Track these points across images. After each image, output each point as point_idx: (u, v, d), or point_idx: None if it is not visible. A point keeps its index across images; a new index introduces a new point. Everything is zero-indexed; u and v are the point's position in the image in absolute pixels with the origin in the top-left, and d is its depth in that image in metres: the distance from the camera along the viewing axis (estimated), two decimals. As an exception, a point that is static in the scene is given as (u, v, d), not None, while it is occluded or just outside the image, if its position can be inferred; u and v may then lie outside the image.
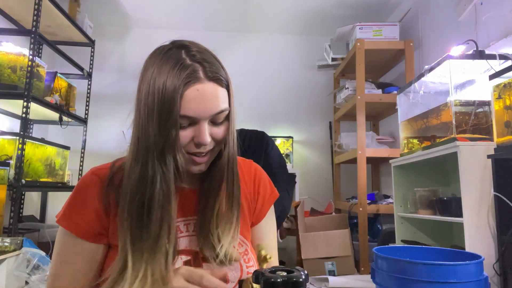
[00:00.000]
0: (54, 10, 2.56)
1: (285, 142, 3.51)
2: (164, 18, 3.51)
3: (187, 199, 0.75)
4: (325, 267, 2.48)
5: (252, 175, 0.85)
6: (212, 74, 0.66)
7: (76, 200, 0.71)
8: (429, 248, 1.35)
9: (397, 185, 2.19)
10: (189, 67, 0.64)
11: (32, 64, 2.21)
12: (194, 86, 0.63)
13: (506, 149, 1.39)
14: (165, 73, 0.63)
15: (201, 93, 0.64)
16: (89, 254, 0.70)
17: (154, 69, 0.65)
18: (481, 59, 1.72)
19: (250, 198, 0.83)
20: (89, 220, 0.69)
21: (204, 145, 0.67)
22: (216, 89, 0.66)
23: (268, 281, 0.48)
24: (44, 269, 1.90)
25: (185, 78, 0.63)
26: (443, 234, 2.10)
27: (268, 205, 0.85)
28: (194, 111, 0.64)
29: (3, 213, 2.00)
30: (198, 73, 0.64)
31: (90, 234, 0.69)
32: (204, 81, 0.65)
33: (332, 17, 3.42)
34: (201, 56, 0.66)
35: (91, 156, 3.23)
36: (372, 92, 2.84)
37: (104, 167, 0.75)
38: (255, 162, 0.90)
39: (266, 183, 0.87)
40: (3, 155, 2.15)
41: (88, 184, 0.72)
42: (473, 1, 2.11)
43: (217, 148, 0.71)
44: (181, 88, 0.62)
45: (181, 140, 0.65)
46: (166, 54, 0.66)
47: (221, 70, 0.69)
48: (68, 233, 0.69)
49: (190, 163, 0.69)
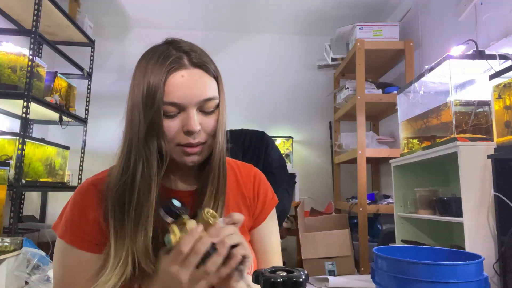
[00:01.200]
0: (54, 10, 2.56)
1: (285, 142, 3.51)
2: (164, 18, 3.51)
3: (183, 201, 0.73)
4: (325, 267, 2.48)
5: (251, 179, 0.84)
6: (197, 61, 0.65)
7: (75, 212, 0.69)
8: (429, 248, 1.35)
9: (397, 185, 2.19)
10: (173, 56, 0.64)
11: (32, 64, 2.21)
12: (178, 72, 0.63)
13: (506, 149, 1.39)
14: (150, 67, 0.64)
15: (186, 79, 0.63)
16: (94, 264, 0.67)
17: (142, 66, 0.66)
18: (481, 59, 1.72)
19: (249, 203, 0.81)
20: (90, 230, 0.68)
21: (193, 133, 0.64)
22: (203, 75, 0.65)
23: (268, 281, 0.48)
24: (44, 269, 1.91)
25: (169, 65, 0.63)
26: (443, 234, 2.10)
27: (268, 209, 0.84)
28: (180, 97, 0.63)
29: (3, 213, 2.00)
30: (183, 60, 0.64)
31: (93, 245, 0.67)
32: (189, 67, 0.64)
33: (332, 17, 3.42)
34: (188, 48, 0.67)
35: (91, 156, 3.23)
36: (372, 92, 2.84)
37: (99, 176, 0.74)
38: (255, 164, 0.89)
39: (267, 187, 0.85)
40: (3, 155, 2.15)
41: (85, 195, 0.70)
42: (473, 1, 2.11)
43: (210, 142, 0.69)
44: (165, 75, 0.62)
45: (170, 130, 0.64)
46: (153, 50, 0.68)
47: (210, 62, 0.68)
48: (70, 247, 0.67)
49: (182, 154, 0.67)
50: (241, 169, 0.84)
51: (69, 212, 0.70)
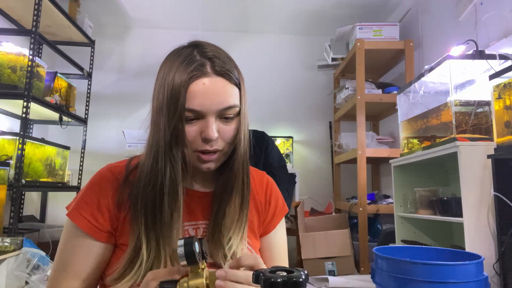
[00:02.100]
0: (54, 10, 2.56)
1: (285, 142, 3.51)
2: (164, 18, 3.51)
3: (199, 202, 0.75)
4: (325, 267, 2.48)
5: (264, 186, 0.84)
6: (220, 69, 0.65)
7: (89, 195, 0.70)
8: (429, 248, 1.35)
9: (397, 185, 2.19)
10: (196, 62, 0.64)
11: (32, 64, 2.21)
12: (200, 79, 0.63)
13: (506, 149, 1.39)
14: (174, 69, 0.65)
15: (207, 87, 0.64)
16: (95, 252, 0.69)
17: (167, 67, 0.67)
18: (481, 59, 1.72)
19: (261, 209, 0.81)
20: (99, 217, 0.68)
21: (210, 140, 0.65)
22: (224, 84, 0.65)
23: (268, 281, 0.48)
24: (44, 269, 1.91)
25: (191, 72, 0.63)
26: (443, 234, 2.10)
27: (279, 217, 0.84)
28: (200, 105, 0.63)
29: (3, 213, 2.00)
30: (205, 67, 0.64)
31: (99, 232, 0.68)
32: (211, 75, 0.64)
33: (332, 17, 3.42)
34: (212, 53, 0.67)
35: (91, 156, 3.23)
36: (372, 92, 2.84)
37: (119, 165, 0.75)
38: (255, 164, 0.90)
39: (278, 196, 0.86)
40: (3, 155, 2.15)
41: (103, 180, 0.71)
42: (473, 1, 2.11)
43: (227, 149, 0.70)
44: (187, 82, 0.63)
45: (188, 135, 0.65)
46: (178, 52, 0.68)
47: (233, 69, 0.68)
48: (75, 227, 0.68)
49: (198, 160, 0.68)
50: (253, 174, 0.84)
51: (83, 193, 0.71)
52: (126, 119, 3.47)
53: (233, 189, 0.72)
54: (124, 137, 3.07)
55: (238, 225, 0.72)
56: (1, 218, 1.99)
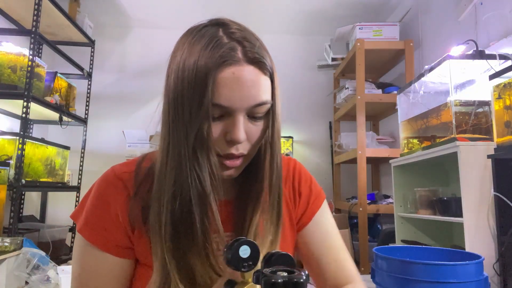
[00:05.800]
0: (54, 10, 2.56)
1: (285, 142, 3.51)
2: (164, 18, 3.51)
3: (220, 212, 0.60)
4: (325, 267, 2.48)
5: (291, 173, 0.73)
6: (253, 56, 0.53)
7: (98, 206, 0.61)
8: (429, 248, 1.35)
9: (397, 185, 2.19)
10: (225, 45, 0.52)
11: (32, 64, 2.21)
12: (229, 68, 0.52)
13: (506, 149, 1.39)
14: (197, 53, 0.52)
15: (237, 77, 0.52)
16: (117, 269, 0.60)
17: (185, 49, 0.54)
18: (481, 59, 1.72)
19: (290, 203, 0.70)
20: (115, 232, 0.60)
21: (237, 143, 0.55)
22: (257, 74, 0.54)
23: (269, 281, 0.48)
24: (44, 269, 1.91)
25: (219, 58, 0.51)
26: (443, 234, 2.10)
27: (316, 205, 0.73)
28: (228, 100, 0.52)
29: (3, 213, 2.00)
30: (236, 53, 0.52)
31: (117, 248, 0.60)
32: (243, 63, 0.53)
33: (332, 17, 3.42)
34: (241, 35, 0.55)
35: (91, 156, 3.22)
36: (372, 92, 2.84)
37: (128, 170, 0.63)
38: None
39: (309, 182, 0.75)
40: (3, 155, 2.15)
41: (112, 190, 0.61)
42: (473, 1, 2.11)
43: (252, 152, 0.59)
44: (214, 70, 0.51)
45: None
46: (199, 32, 0.55)
47: (266, 55, 0.57)
48: (91, 246, 0.60)
49: (219, 166, 0.57)
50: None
51: (92, 205, 0.61)
52: (126, 119, 3.47)
53: (260, 197, 0.61)
54: (124, 137, 3.07)
55: (266, 243, 0.60)
56: (1, 218, 1.99)
